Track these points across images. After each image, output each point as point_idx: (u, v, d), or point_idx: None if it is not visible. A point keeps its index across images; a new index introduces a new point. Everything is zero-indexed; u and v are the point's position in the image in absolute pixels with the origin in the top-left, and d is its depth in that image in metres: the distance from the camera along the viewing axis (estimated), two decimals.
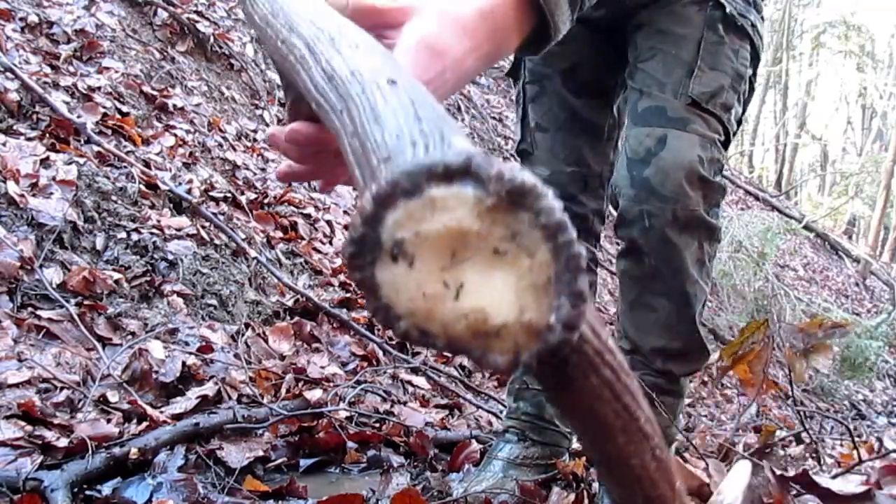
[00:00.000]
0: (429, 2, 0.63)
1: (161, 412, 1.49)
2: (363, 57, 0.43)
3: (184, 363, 1.69)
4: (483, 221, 0.30)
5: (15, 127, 2.24)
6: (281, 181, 0.71)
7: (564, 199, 1.46)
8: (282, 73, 0.57)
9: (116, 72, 2.90)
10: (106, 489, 1.22)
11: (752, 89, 1.37)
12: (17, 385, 1.41)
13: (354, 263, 0.31)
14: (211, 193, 2.63)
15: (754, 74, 1.36)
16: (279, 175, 0.69)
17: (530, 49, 0.71)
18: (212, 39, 3.68)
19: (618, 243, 1.35)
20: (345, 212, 3.46)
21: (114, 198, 2.17)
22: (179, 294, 2.06)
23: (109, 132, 2.54)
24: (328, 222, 3.18)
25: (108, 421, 1.41)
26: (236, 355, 1.91)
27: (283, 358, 2.10)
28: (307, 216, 3.09)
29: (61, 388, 1.47)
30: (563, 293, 0.30)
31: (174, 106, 3.04)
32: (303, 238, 2.91)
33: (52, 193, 2.01)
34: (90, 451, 1.22)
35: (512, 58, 1.47)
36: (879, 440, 1.96)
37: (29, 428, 1.28)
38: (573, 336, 0.31)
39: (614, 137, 1.49)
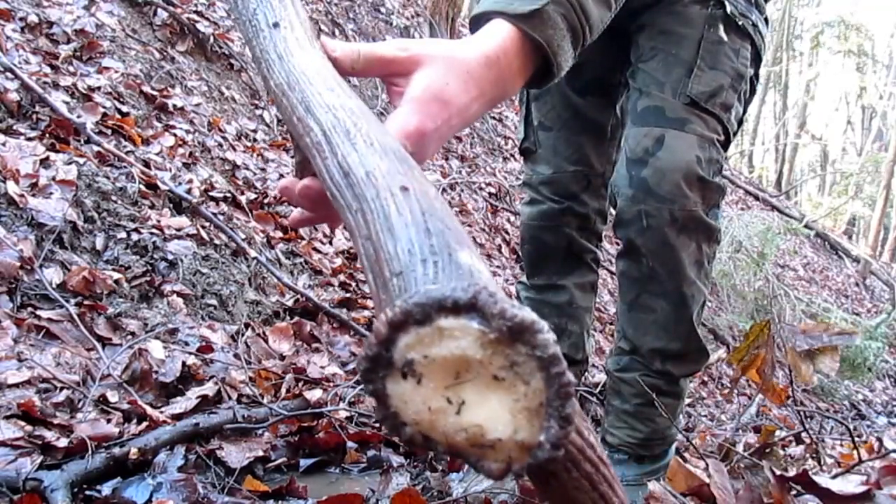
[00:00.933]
0: (437, 48, 0.65)
1: (161, 412, 1.49)
2: (379, 158, 0.46)
3: (184, 363, 1.69)
4: (485, 351, 0.34)
5: (15, 127, 2.24)
6: (293, 227, 0.77)
7: (567, 198, 1.47)
8: (293, 136, 0.60)
9: (116, 72, 2.90)
10: (106, 489, 1.22)
11: (753, 89, 1.37)
12: (17, 385, 1.41)
13: (368, 377, 0.36)
14: (211, 193, 2.63)
15: (756, 74, 1.36)
16: (292, 222, 0.73)
17: (533, 85, 0.73)
18: (212, 39, 3.68)
19: (617, 243, 1.35)
20: None
21: (114, 198, 2.17)
22: (179, 294, 2.05)
23: (109, 132, 2.54)
24: None
25: (108, 421, 1.41)
26: (236, 355, 1.90)
27: (283, 358, 2.10)
28: None
29: (61, 388, 1.47)
30: (553, 417, 0.35)
31: (174, 106, 3.04)
32: (303, 238, 2.91)
33: (52, 193, 2.01)
34: (90, 451, 1.22)
35: None
36: (879, 440, 1.95)
37: (29, 428, 1.28)
38: (559, 453, 0.35)
39: (617, 137, 1.48)
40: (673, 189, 1.21)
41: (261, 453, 1.44)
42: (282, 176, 3.29)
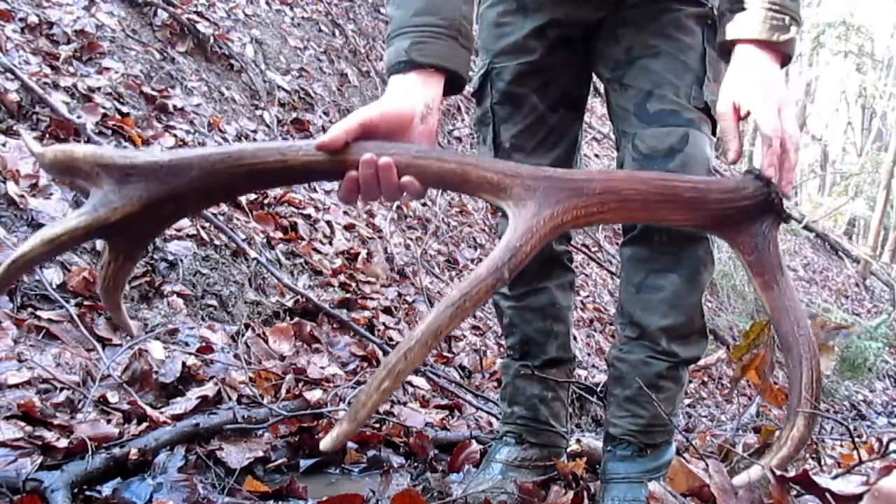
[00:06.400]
0: None
1: (161, 412, 1.49)
2: None
3: (184, 363, 1.69)
4: None
5: (15, 127, 2.24)
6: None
7: None
8: None
9: (116, 72, 2.90)
10: (106, 489, 1.22)
11: None
12: (17, 385, 1.41)
13: None
14: None
15: None
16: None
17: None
18: (212, 40, 3.68)
19: (617, 242, 1.38)
20: (345, 212, 3.45)
21: None
22: (179, 294, 2.06)
23: (109, 132, 2.54)
24: (328, 223, 3.18)
25: (108, 421, 1.41)
26: (236, 356, 1.91)
27: (283, 358, 2.10)
28: (307, 216, 3.09)
29: (61, 389, 1.47)
30: None
31: (174, 106, 3.04)
32: (303, 238, 2.91)
33: (52, 194, 2.01)
34: (90, 452, 1.22)
35: (477, 80, 1.50)
36: (879, 440, 1.95)
37: (29, 428, 1.28)
38: None
39: (581, 144, 1.56)
40: None
41: (261, 454, 1.44)
42: None
